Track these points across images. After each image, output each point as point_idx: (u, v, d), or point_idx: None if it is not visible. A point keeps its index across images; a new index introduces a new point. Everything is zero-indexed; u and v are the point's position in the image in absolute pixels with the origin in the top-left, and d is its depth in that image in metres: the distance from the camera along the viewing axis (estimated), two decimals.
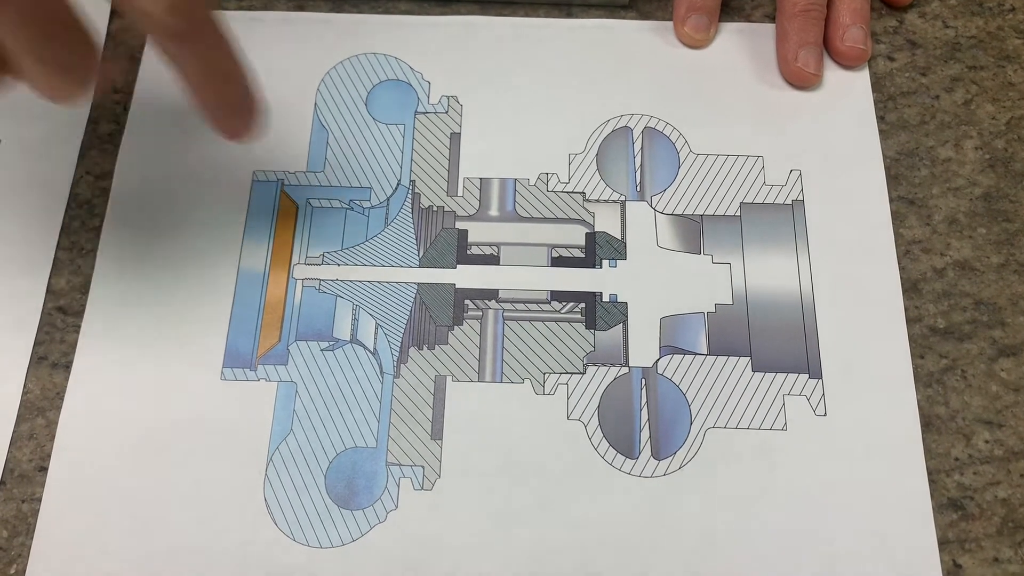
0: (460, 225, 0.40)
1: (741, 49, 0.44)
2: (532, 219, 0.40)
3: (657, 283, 0.39)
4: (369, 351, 0.38)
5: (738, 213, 0.41)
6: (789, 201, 0.41)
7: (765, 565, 0.34)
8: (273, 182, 0.41)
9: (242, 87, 0.33)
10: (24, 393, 0.37)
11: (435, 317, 0.39)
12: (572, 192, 0.41)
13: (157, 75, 0.43)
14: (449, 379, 0.37)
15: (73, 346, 0.38)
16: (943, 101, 0.43)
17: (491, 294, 0.39)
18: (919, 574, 0.34)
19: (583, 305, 0.39)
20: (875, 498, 0.35)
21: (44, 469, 0.36)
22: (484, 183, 0.41)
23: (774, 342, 0.38)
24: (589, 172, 0.41)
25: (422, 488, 0.36)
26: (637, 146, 0.42)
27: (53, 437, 0.36)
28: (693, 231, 0.40)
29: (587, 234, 0.40)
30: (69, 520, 0.35)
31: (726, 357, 0.38)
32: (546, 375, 0.38)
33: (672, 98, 0.43)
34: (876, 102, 0.43)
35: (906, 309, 0.39)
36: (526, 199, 0.41)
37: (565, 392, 0.37)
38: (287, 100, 0.42)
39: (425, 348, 0.38)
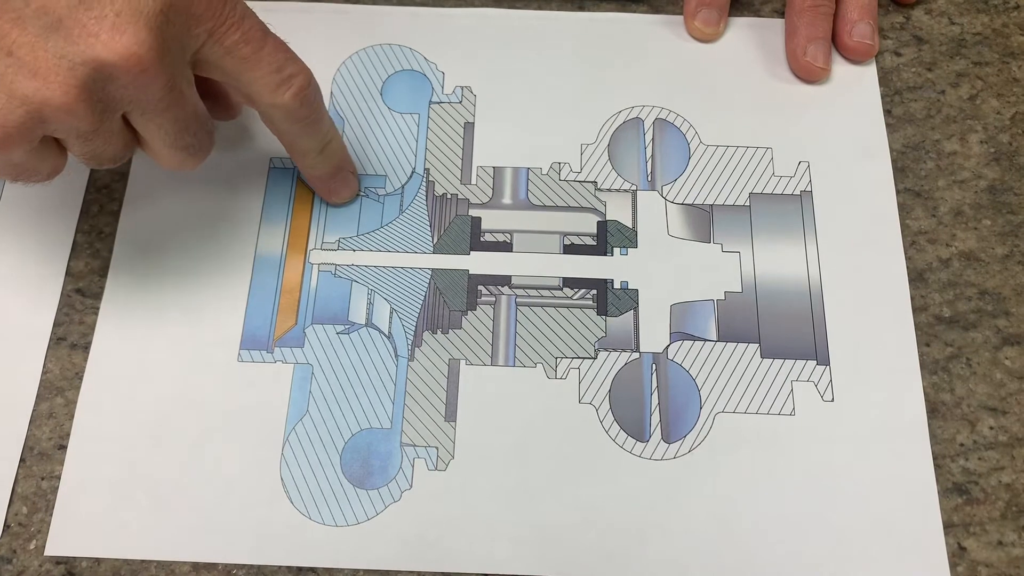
0: (474, 212, 0.41)
1: (750, 43, 0.45)
2: (544, 207, 0.41)
3: (667, 271, 0.40)
4: (384, 335, 0.38)
5: (747, 203, 0.41)
6: (797, 192, 0.41)
7: (772, 547, 0.35)
8: (290, 169, 0.42)
9: (345, 156, 0.39)
10: (44, 373, 0.38)
11: (449, 302, 0.39)
12: (584, 181, 0.42)
13: None
14: (463, 363, 0.38)
15: (92, 327, 0.39)
16: (949, 96, 0.44)
17: (504, 280, 0.40)
18: (924, 557, 0.35)
19: (595, 292, 0.39)
20: (881, 482, 0.36)
21: (63, 447, 0.36)
22: (497, 172, 0.42)
23: (782, 329, 0.39)
24: (601, 162, 0.42)
25: (436, 469, 0.36)
26: (648, 137, 0.43)
27: (72, 416, 0.37)
28: (703, 220, 0.41)
29: (599, 222, 0.41)
30: (88, 497, 0.36)
31: (735, 343, 0.38)
32: (558, 360, 0.38)
33: (683, 90, 0.44)
34: (883, 96, 0.43)
35: (912, 298, 0.39)
36: (539, 188, 0.42)
37: (577, 376, 0.38)
38: None
39: (439, 332, 0.39)
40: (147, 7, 0.29)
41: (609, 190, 0.41)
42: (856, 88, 0.44)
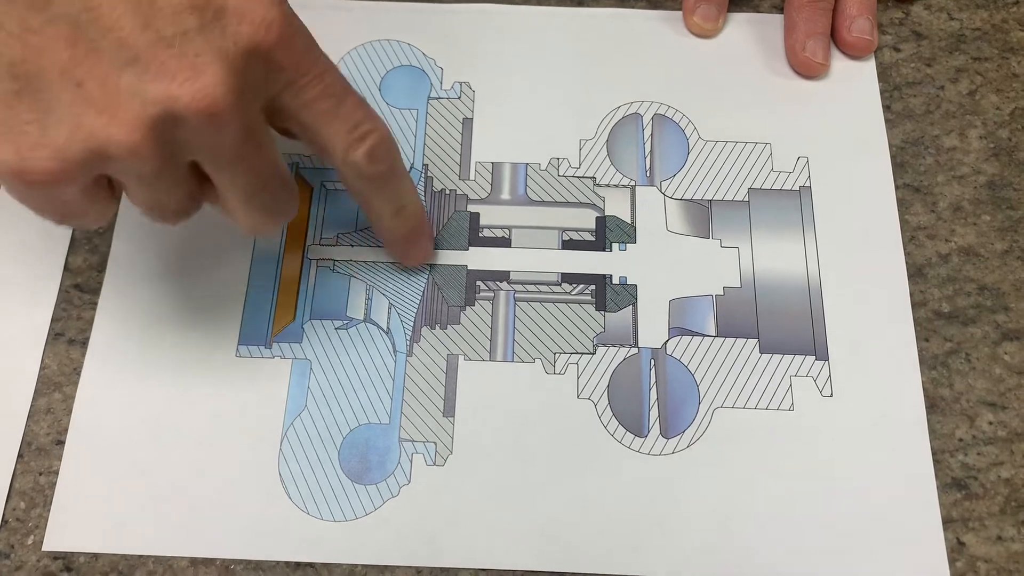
0: (472, 208, 0.41)
1: (749, 39, 0.45)
2: (543, 203, 0.41)
3: (666, 266, 0.40)
4: (382, 330, 0.38)
5: (746, 198, 0.41)
6: (796, 187, 0.41)
7: (771, 542, 0.35)
8: (288, 164, 0.42)
9: (421, 220, 0.37)
10: (42, 368, 0.38)
11: (447, 298, 0.39)
12: (583, 177, 0.42)
13: None
14: (461, 358, 0.38)
15: (90, 323, 0.38)
16: (948, 91, 0.44)
17: (503, 276, 0.40)
18: (923, 552, 0.35)
19: (593, 287, 0.39)
20: (880, 477, 0.36)
21: (61, 443, 0.36)
22: (496, 167, 0.42)
23: (781, 324, 0.39)
24: (600, 157, 0.42)
25: (434, 464, 0.36)
26: (647, 132, 0.43)
27: (70, 412, 0.37)
28: (702, 216, 0.41)
29: (597, 218, 0.41)
30: (86, 493, 0.36)
31: (734, 339, 0.38)
32: (556, 355, 0.38)
33: (682, 86, 0.44)
34: (882, 91, 0.43)
35: (911, 293, 0.39)
36: (537, 183, 0.41)
37: (575, 371, 0.38)
38: None
39: (438, 328, 0.39)
40: (229, 50, 0.27)
41: (608, 186, 0.41)
42: (855, 84, 0.44)
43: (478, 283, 0.39)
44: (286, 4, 0.29)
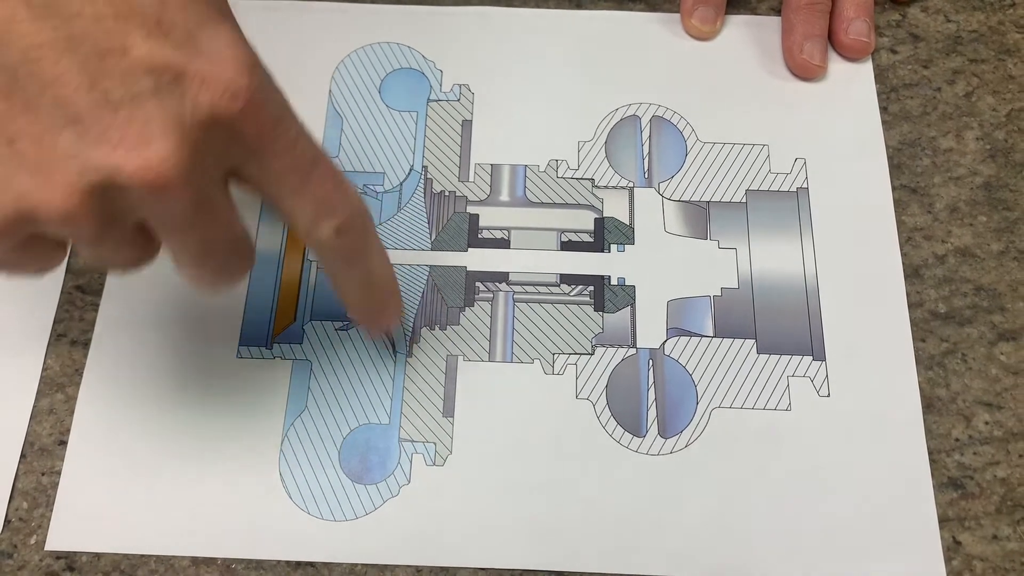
0: (471, 210, 0.41)
1: (747, 41, 0.45)
2: (542, 204, 0.41)
3: (664, 267, 0.40)
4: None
5: (744, 200, 0.41)
6: (794, 189, 0.42)
7: (768, 541, 0.35)
8: None
9: (391, 292, 0.34)
10: (44, 369, 0.38)
11: (447, 298, 0.39)
12: (581, 178, 0.42)
13: None
14: (460, 358, 0.38)
15: (92, 324, 0.39)
16: (945, 93, 0.44)
17: (502, 277, 0.40)
18: (919, 551, 0.35)
19: (592, 288, 0.40)
20: (876, 477, 0.36)
21: (64, 443, 0.37)
22: (495, 169, 0.42)
23: (779, 325, 0.39)
24: (598, 159, 0.42)
25: (434, 464, 0.36)
26: (645, 134, 0.43)
27: (72, 412, 0.37)
28: (700, 217, 0.41)
29: (596, 219, 0.41)
30: (88, 493, 0.36)
31: (731, 339, 0.39)
32: (555, 355, 0.38)
33: (680, 88, 0.44)
34: (879, 93, 0.44)
35: (908, 294, 0.39)
36: (536, 185, 0.42)
37: (574, 372, 0.38)
38: (302, 88, 0.43)
39: (437, 328, 0.39)
40: (183, 119, 0.25)
41: (606, 187, 0.42)
42: (852, 85, 0.44)
43: (477, 284, 0.40)
44: (259, 68, 0.26)
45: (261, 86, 0.26)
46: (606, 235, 0.41)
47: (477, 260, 0.40)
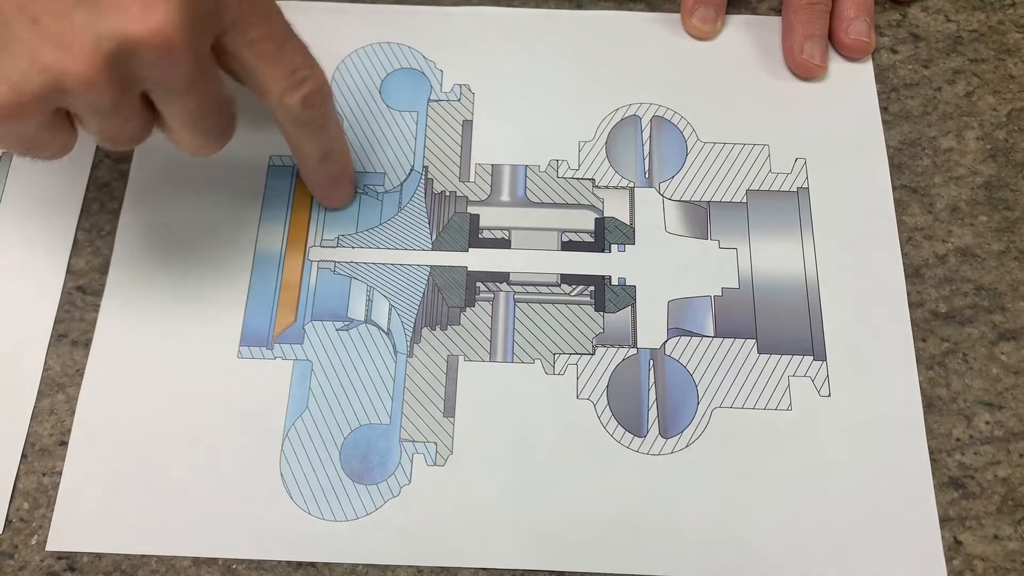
0: (472, 210, 0.41)
1: (747, 41, 0.45)
2: (542, 204, 0.41)
3: (665, 267, 0.40)
4: (383, 331, 0.39)
5: (744, 200, 0.41)
6: (794, 188, 0.42)
7: (769, 541, 0.35)
8: (289, 166, 0.42)
9: (347, 166, 0.39)
10: (45, 370, 0.38)
11: (447, 299, 0.39)
12: (582, 178, 0.42)
13: None
14: (461, 359, 0.38)
15: (92, 324, 0.39)
16: (945, 93, 0.44)
17: (502, 277, 0.40)
18: (920, 551, 0.35)
19: (592, 288, 0.40)
20: (877, 477, 0.36)
21: (64, 443, 0.37)
22: (495, 169, 0.42)
23: (779, 325, 0.39)
24: (599, 159, 0.42)
25: (435, 464, 0.36)
26: (646, 134, 0.43)
27: (73, 413, 0.37)
28: (700, 217, 0.41)
29: (596, 219, 0.41)
30: (89, 493, 0.36)
31: (732, 339, 0.39)
32: (556, 355, 0.38)
33: (680, 88, 0.44)
34: (879, 93, 0.44)
35: (908, 294, 0.39)
36: (537, 185, 0.42)
37: (575, 372, 0.38)
38: None
39: (438, 329, 0.39)
40: None
41: (607, 187, 0.42)
42: (853, 85, 0.44)
43: (478, 284, 0.40)
44: None
45: None
46: (607, 235, 0.41)
47: (478, 260, 0.40)
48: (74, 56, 0.28)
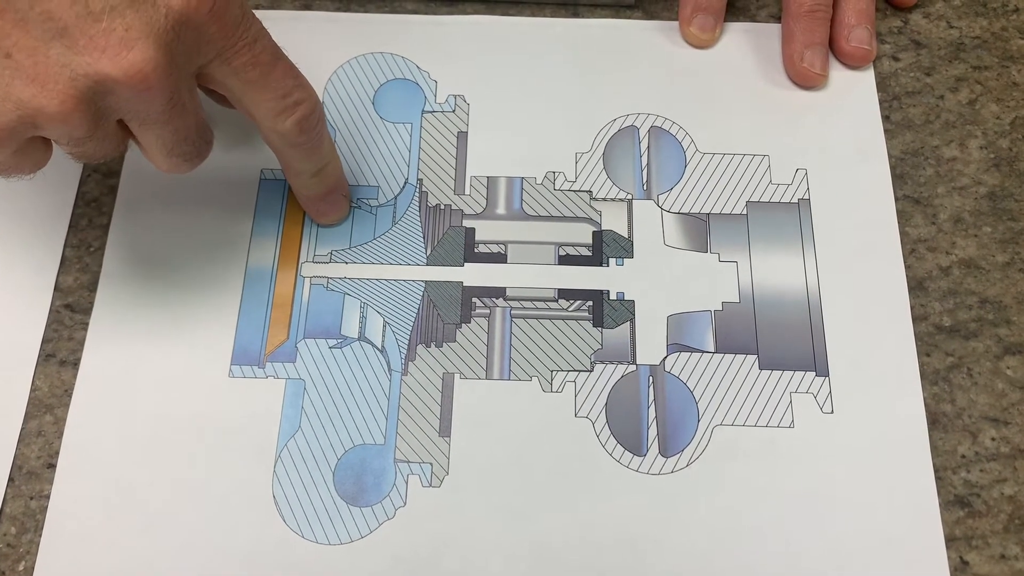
0: (467, 223, 0.41)
1: (747, 49, 0.44)
2: (539, 217, 0.41)
3: (664, 281, 0.39)
4: (377, 349, 0.38)
5: (744, 212, 0.41)
6: (795, 200, 0.41)
7: (772, 561, 0.35)
8: (280, 180, 0.41)
9: (340, 180, 0.39)
10: (32, 390, 0.37)
11: (443, 315, 0.39)
12: (579, 191, 0.41)
13: None
14: (457, 377, 0.38)
15: (81, 343, 0.38)
16: (948, 101, 0.43)
17: (498, 292, 0.39)
18: (926, 571, 0.34)
19: (590, 303, 0.39)
20: (882, 495, 0.35)
21: (52, 466, 0.36)
22: (491, 181, 0.41)
23: (781, 340, 0.38)
24: (596, 171, 0.42)
25: (430, 485, 0.36)
26: (643, 145, 0.42)
27: (61, 434, 0.36)
28: (700, 229, 0.40)
29: (594, 232, 0.40)
30: (77, 517, 0.35)
31: (733, 355, 0.38)
32: (554, 373, 0.38)
33: (678, 98, 0.43)
34: (881, 102, 0.43)
35: (912, 307, 0.39)
36: (533, 197, 0.41)
37: (573, 390, 0.37)
38: None
39: (433, 346, 0.38)
40: (158, 24, 0.28)
41: (604, 199, 0.41)
42: (854, 94, 0.43)
43: (474, 300, 0.39)
44: None
45: None
46: (605, 248, 0.40)
47: (473, 275, 0.39)
48: (48, 92, 0.28)
